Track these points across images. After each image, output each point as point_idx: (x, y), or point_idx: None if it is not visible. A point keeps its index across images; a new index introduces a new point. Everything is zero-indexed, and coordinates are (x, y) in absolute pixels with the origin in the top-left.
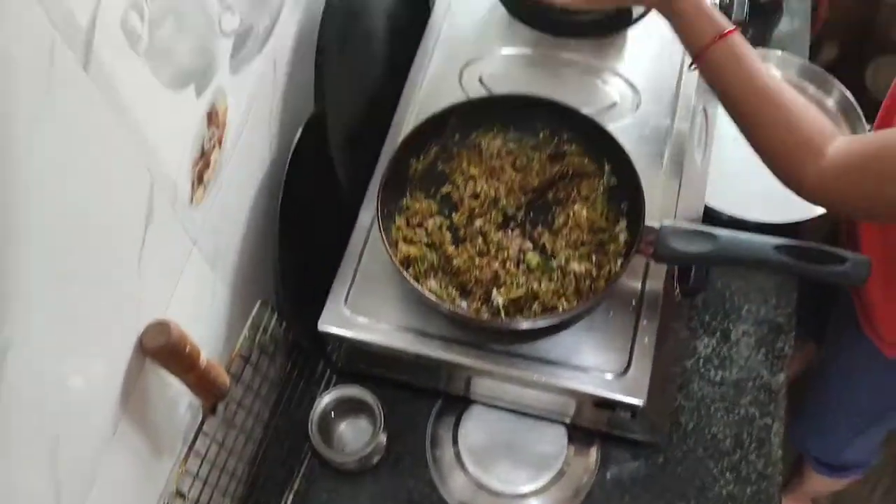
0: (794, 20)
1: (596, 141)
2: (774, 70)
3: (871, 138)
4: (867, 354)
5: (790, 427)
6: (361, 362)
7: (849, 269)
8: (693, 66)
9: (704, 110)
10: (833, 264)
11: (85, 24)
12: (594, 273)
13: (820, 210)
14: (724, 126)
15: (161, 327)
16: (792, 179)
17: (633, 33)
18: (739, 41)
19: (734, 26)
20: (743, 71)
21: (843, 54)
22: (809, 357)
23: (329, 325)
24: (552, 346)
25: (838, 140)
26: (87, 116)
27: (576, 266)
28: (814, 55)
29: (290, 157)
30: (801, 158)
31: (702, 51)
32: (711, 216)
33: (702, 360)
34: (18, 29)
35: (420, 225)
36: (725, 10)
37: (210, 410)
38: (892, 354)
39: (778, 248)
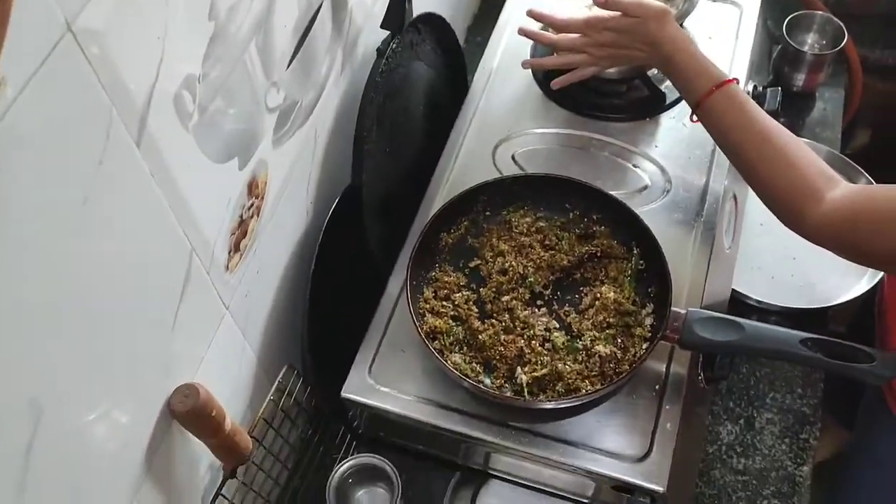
0: (826, 107)
1: (625, 224)
2: None
3: (881, 187)
4: None
5: None
6: (382, 430)
7: (877, 368)
8: (694, 119)
9: (734, 196)
10: (861, 361)
11: (141, 102)
12: (619, 356)
13: (847, 296)
14: (753, 212)
15: (189, 391)
16: (793, 220)
17: (666, 118)
18: (736, 90)
19: (730, 77)
20: (742, 118)
21: (876, 139)
22: (839, 443)
23: (352, 392)
24: (574, 427)
25: (840, 185)
26: (134, 188)
27: (601, 348)
28: (847, 142)
29: (324, 226)
30: (802, 200)
31: (701, 100)
32: (738, 300)
33: (724, 447)
34: (80, 105)
35: (447, 298)
36: (758, 100)
37: (231, 473)
38: None
39: (804, 341)
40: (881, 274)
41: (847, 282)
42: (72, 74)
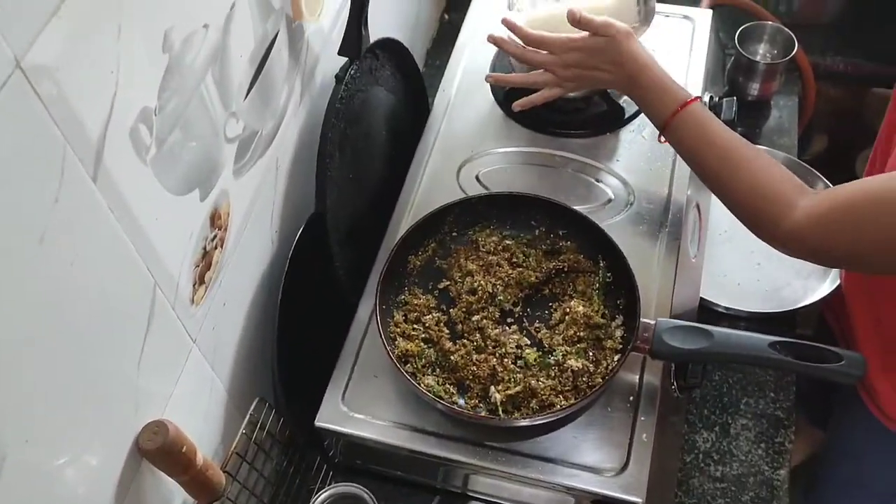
0: (782, 115)
1: (591, 238)
2: None
3: (848, 186)
4: (874, 433)
5: None
6: (358, 458)
7: (845, 367)
8: (662, 140)
9: (697, 206)
10: (829, 362)
11: (96, 137)
12: (591, 369)
13: (812, 298)
14: (716, 221)
15: (158, 427)
16: (767, 232)
17: (626, 132)
18: (700, 108)
19: (693, 96)
20: (707, 135)
21: (833, 145)
22: (815, 444)
23: (326, 421)
24: (550, 444)
25: (808, 192)
26: (92, 223)
27: (573, 362)
28: (804, 147)
29: (290, 255)
30: (775, 212)
31: (667, 121)
32: (707, 308)
33: (701, 455)
34: (32, 142)
35: (418, 320)
36: (714, 110)
37: None
38: None
39: (773, 345)
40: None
41: (811, 284)
42: (22, 111)
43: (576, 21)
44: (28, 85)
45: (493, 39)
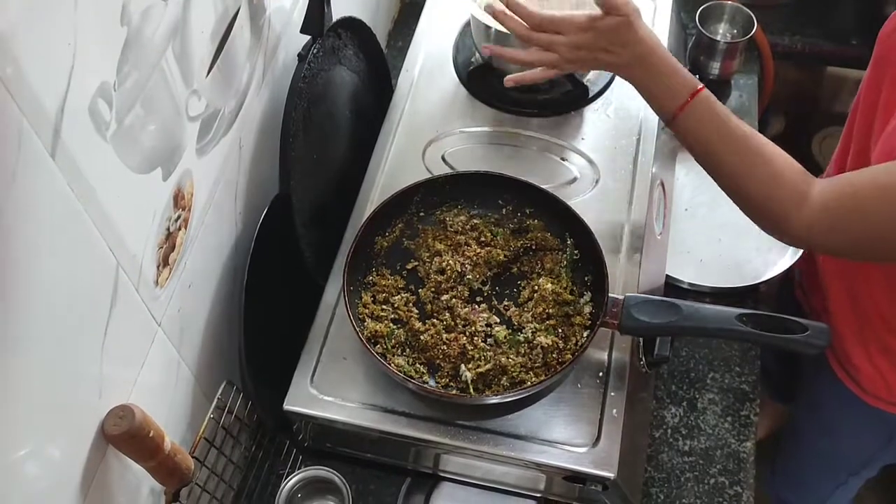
0: (742, 95)
1: (558, 215)
2: None
3: (855, 174)
4: (847, 405)
5: (768, 485)
6: (328, 441)
7: (810, 337)
8: (664, 128)
9: (662, 183)
10: (794, 333)
11: (53, 111)
12: (561, 346)
13: (773, 272)
14: (678, 198)
15: (124, 412)
16: (778, 224)
17: (590, 111)
18: (709, 96)
19: (700, 84)
20: (722, 126)
21: (790, 126)
22: (777, 419)
23: (295, 404)
24: (521, 421)
25: (818, 182)
26: (51, 201)
27: (542, 339)
28: (763, 128)
29: (255, 236)
30: (786, 203)
31: (678, 110)
32: (670, 285)
33: (670, 430)
34: None
35: (386, 301)
36: None
37: (173, 496)
38: (874, 403)
39: (740, 317)
40: (800, 251)
41: (772, 258)
42: None
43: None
44: None
45: (492, 11)
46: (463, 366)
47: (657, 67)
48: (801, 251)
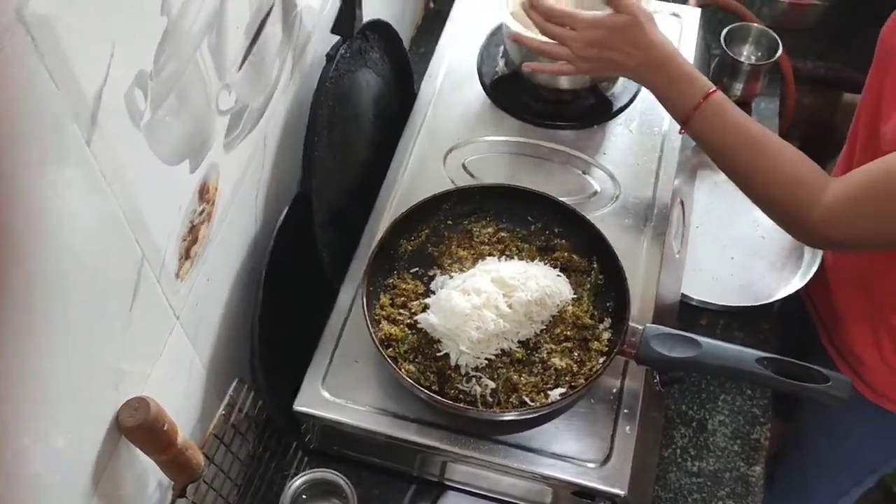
0: (762, 119)
1: (587, 238)
2: None
3: (873, 165)
4: (858, 408)
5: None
6: (336, 443)
7: (831, 388)
8: (682, 131)
9: (681, 202)
10: (815, 382)
11: (91, 97)
12: (575, 369)
13: (785, 292)
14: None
15: (140, 404)
16: (798, 221)
17: (613, 125)
18: (723, 97)
19: (714, 86)
20: (736, 125)
21: (804, 151)
22: (777, 437)
23: (305, 405)
24: (532, 434)
25: (830, 178)
26: (83, 189)
27: (557, 361)
28: None
29: (274, 234)
30: (805, 199)
31: (693, 111)
32: (681, 302)
33: (678, 450)
34: (28, 99)
35: (404, 305)
36: None
37: (181, 492)
38: (884, 405)
39: (760, 360)
40: (815, 268)
41: (785, 277)
42: (19, 65)
43: None
44: (28, 37)
45: (517, 38)
46: (474, 379)
47: (672, 74)
48: (814, 270)
